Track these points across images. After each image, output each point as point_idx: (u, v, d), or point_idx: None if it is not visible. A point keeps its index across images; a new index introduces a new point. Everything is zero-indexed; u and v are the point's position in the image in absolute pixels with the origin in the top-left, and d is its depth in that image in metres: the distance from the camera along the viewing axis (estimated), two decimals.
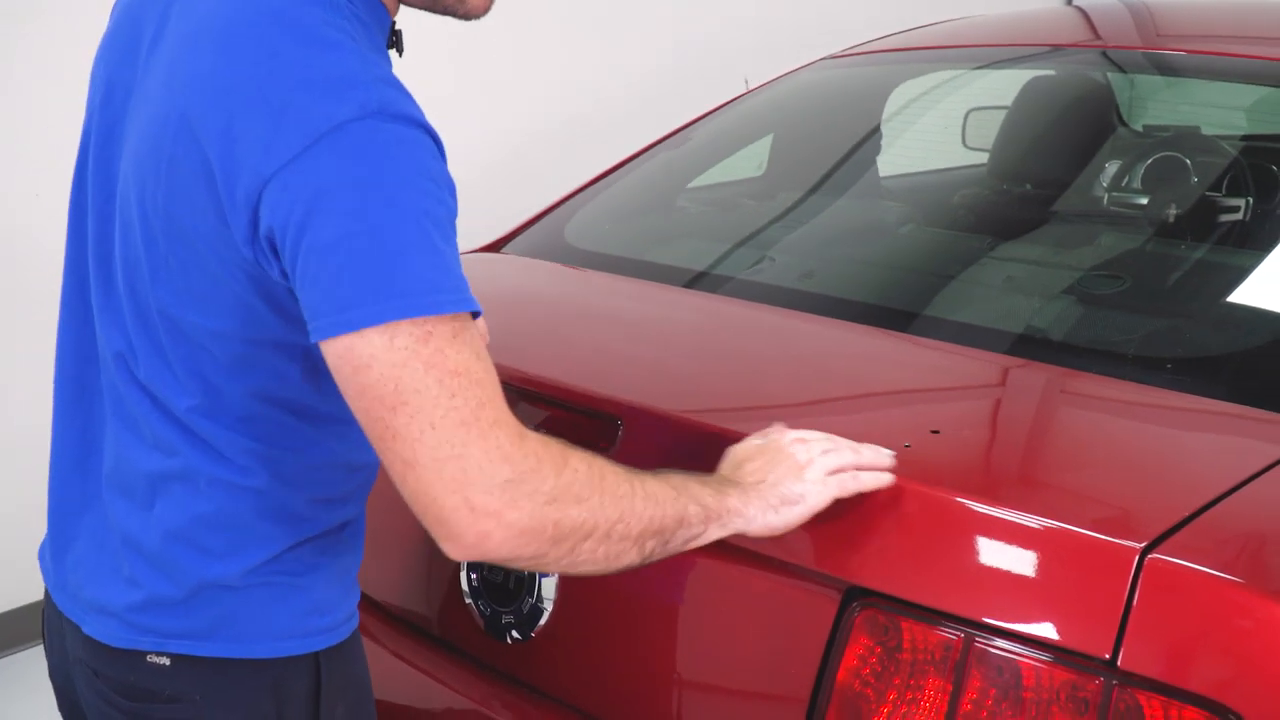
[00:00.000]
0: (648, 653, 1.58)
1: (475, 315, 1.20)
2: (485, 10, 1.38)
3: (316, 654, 1.40)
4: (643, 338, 1.93)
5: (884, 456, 1.40)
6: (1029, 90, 2.89)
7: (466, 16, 1.38)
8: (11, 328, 3.29)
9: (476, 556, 1.19)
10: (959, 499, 1.38)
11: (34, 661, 1.94)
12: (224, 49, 1.22)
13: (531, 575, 1.66)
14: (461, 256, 1.85)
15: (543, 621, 1.66)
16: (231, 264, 1.23)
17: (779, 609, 1.47)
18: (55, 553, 1.47)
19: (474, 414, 1.15)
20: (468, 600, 1.74)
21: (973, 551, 1.36)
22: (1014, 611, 1.32)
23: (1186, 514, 1.32)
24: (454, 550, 1.18)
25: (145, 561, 1.35)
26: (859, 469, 1.39)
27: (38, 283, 3.22)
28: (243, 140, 1.17)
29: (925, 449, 1.47)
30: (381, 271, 1.13)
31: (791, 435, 1.42)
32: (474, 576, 1.73)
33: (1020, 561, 1.33)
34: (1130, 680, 1.25)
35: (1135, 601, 1.26)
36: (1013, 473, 1.47)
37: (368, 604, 1.91)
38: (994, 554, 1.35)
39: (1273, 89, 2.58)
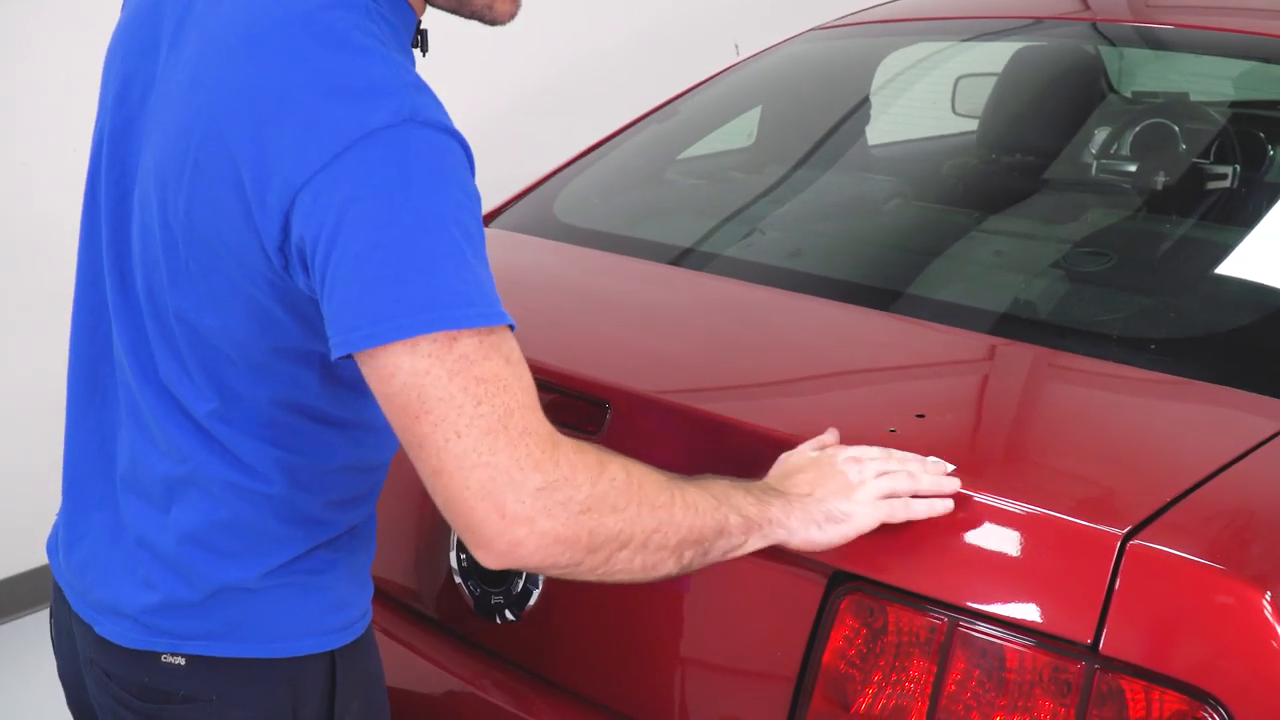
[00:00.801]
0: (636, 633, 1.60)
1: (510, 328, 1.18)
2: (512, 16, 1.36)
3: (332, 652, 1.39)
4: (631, 318, 1.93)
5: (944, 481, 1.37)
6: (1018, 58, 2.88)
7: (493, 22, 1.36)
8: (14, 295, 3.29)
9: (510, 564, 1.17)
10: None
11: (29, 630, 1.91)
12: (252, 53, 1.20)
13: None
14: None
15: (532, 602, 1.67)
16: (254, 270, 1.21)
17: (766, 591, 1.49)
18: (67, 548, 1.46)
19: (501, 421, 1.13)
20: (457, 580, 1.76)
21: (956, 537, 1.37)
22: (997, 596, 1.33)
23: (1167, 499, 1.34)
24: (486, 558, 1.16)
25: (161, 564, 1.35)
26: (915, 493, 1.36)
27: (38, 249, 3.23)
28: (273, 147, 1.15)
29: (910, 433, 1.48)
30: (411, 283, 1.12)
31: (846, 453, 1.38)
32: (463, 557, 1.75)
33: (1003, 547, 1.34)
34: (1111, 665, 1.27)
35: (1116, 587, 1.27)
36: (996, 458, 1.49)
37: None
38: (977, 539, 1.36)
39: (1259, 63, 2.57)
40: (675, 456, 1.57)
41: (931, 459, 1.39)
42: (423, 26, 1.36)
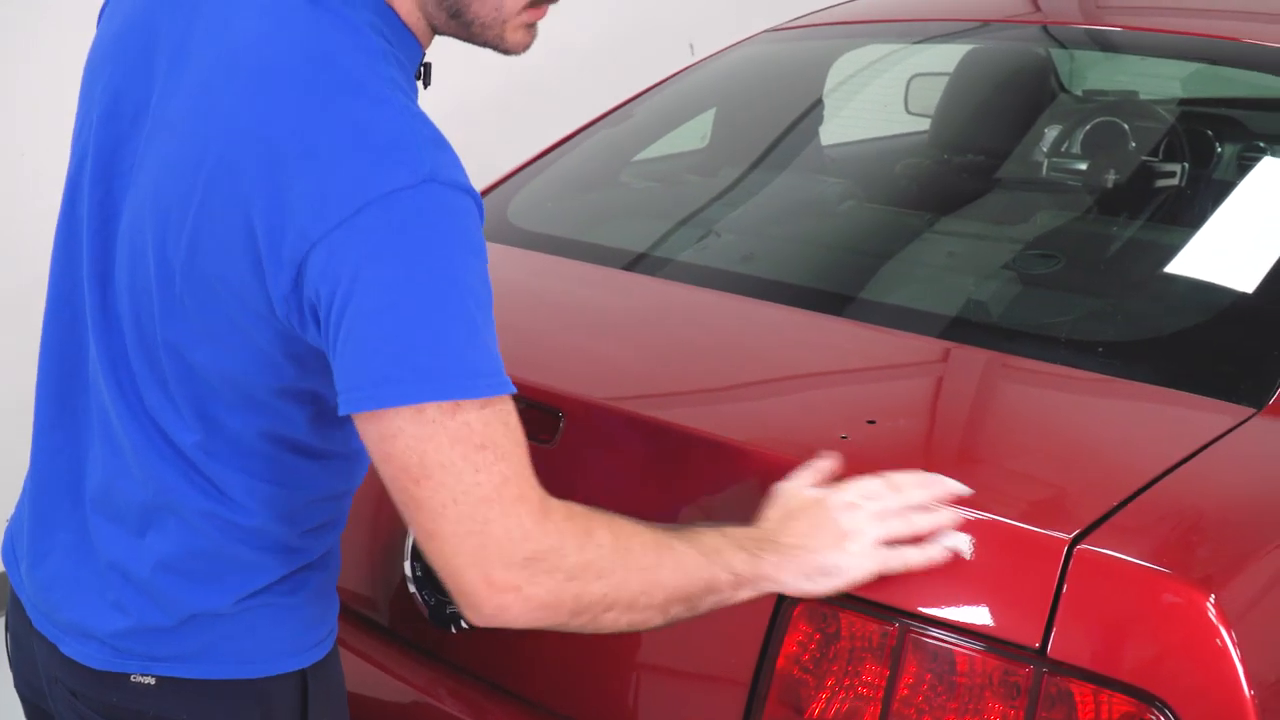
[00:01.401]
0: (591, 640, 1.59)
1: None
2: (527, 46, 1.33)
3: (303, 670, 1.39)
4: (585, 325, 1.93)
5: (942, 519, 1.34)
6: (970, 58, 2.90)
7: (507, 52, 1.34)
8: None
9: (497, 625, 1.20)
10: None
11: None
12: (267, 92, 1.17)
13: None
14: None
15: None
16: (255, 313, 1.20)
17: None
18: (30, 565, 1.43)
19: (497, 490, 1.15)
20: (412, 589, 1.75)
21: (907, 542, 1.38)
22: (948, 601, 1.35)
23: (1114, 504, 1.35)
24: (473, 619, 1.19)
25: (134, 589, 1.34)
26: (914, 536, 1.34)
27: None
28: (289, 196, 1.14)
29: (861, 440, 1.49)
30: (416, 348, 1.13)
31: (844, 496, 1.35)
32: (417, 566, 1.74)
33: (953, 552, 1.35)
34: (1059, 668, 1.28)
35: (1064, 591, 1.29)
36: (946, 463, 1.49)
37: None
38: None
39: (1207, 65, 2.60)
40: (629, 465, 1.58)
41: (940, 482, 1.36)
42: (426, 59, 1.35)
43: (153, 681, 1.34)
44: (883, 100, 3.12)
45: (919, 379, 1.76)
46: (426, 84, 1.37)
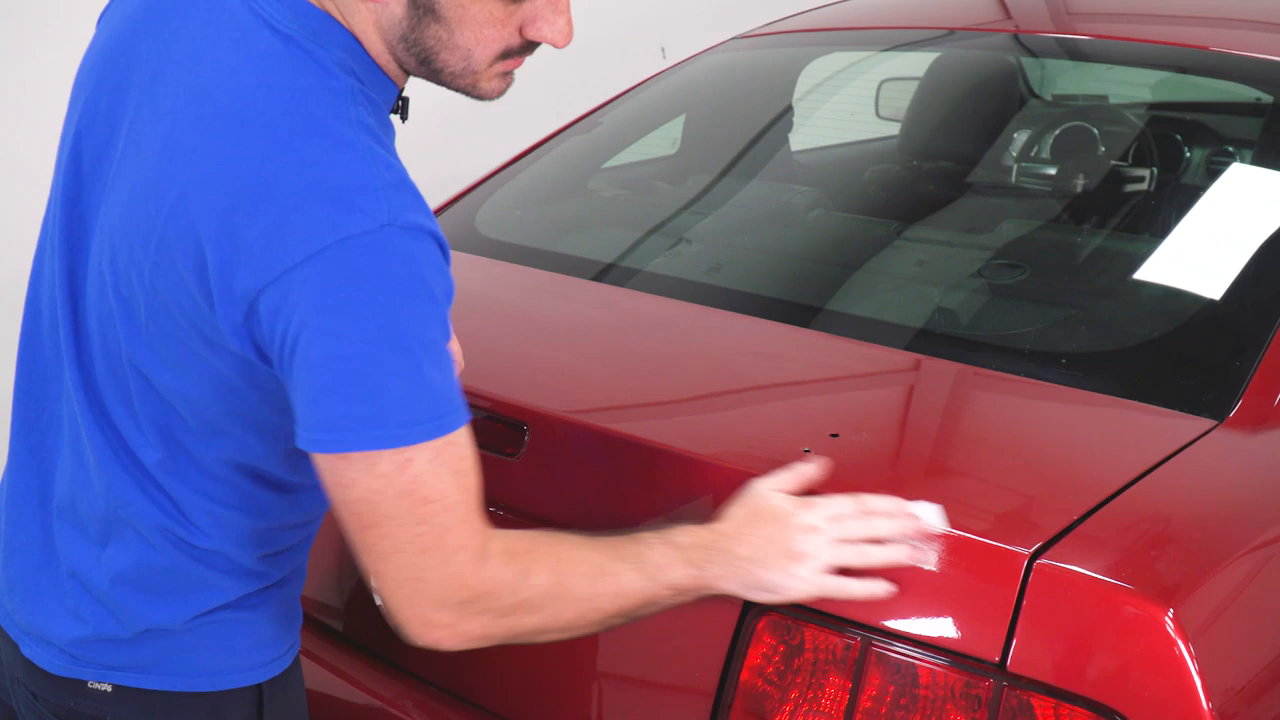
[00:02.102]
0: (556, 653, 1.59)
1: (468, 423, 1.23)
2: (502, 93, 1.35)
3: (260, 685, 1.40)
4: (550, 337, 1.93)
5: (899, 553, 1.35)
6: (939, 64, 2.91)
7: (481, 98, 1.35)
8: None
9: (433, 649, 1.27)
10: None
11: None
12: (230, 134, 1.18)
13: None
14: None
15: None
16: (214, 345, 1.22)
17: (685, 611, 1.49)
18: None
19: (438, 540, 1.20)
20: (377, 600, 1.75)
21: None
22: (910, 615, 1.35)
23: (1074, 518, 1.36)
24: (409, 643, 1.26)
25: (93, 599, 1.34)
26: (865, 565, 1.35)
27: None
28: (243, 237, 1.15)
29: (824, 453, 1.50)
30: (365, 399, 1.16)
31: (806, 519, 1.35)
32: None
33: (914, 567, 1.36)
34: (1020, 682, 1.29)
35: (1023, 606, 1.30)
36: (908, 477, 1.50)
37: None
38: None
39: (1174, 73, 2.61)
40: (593, 478, 1.58)
41: (910, 516, 1.36)
42: (404, 94, 1.35)
43: (109, 689, 1.35)
44: (850, 107, 3.12)
45: (883, 391, 1.76)
46: (404, 118, 1.37)
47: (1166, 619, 1.26)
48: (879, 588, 1.34)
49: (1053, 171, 2.59)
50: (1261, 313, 1.74)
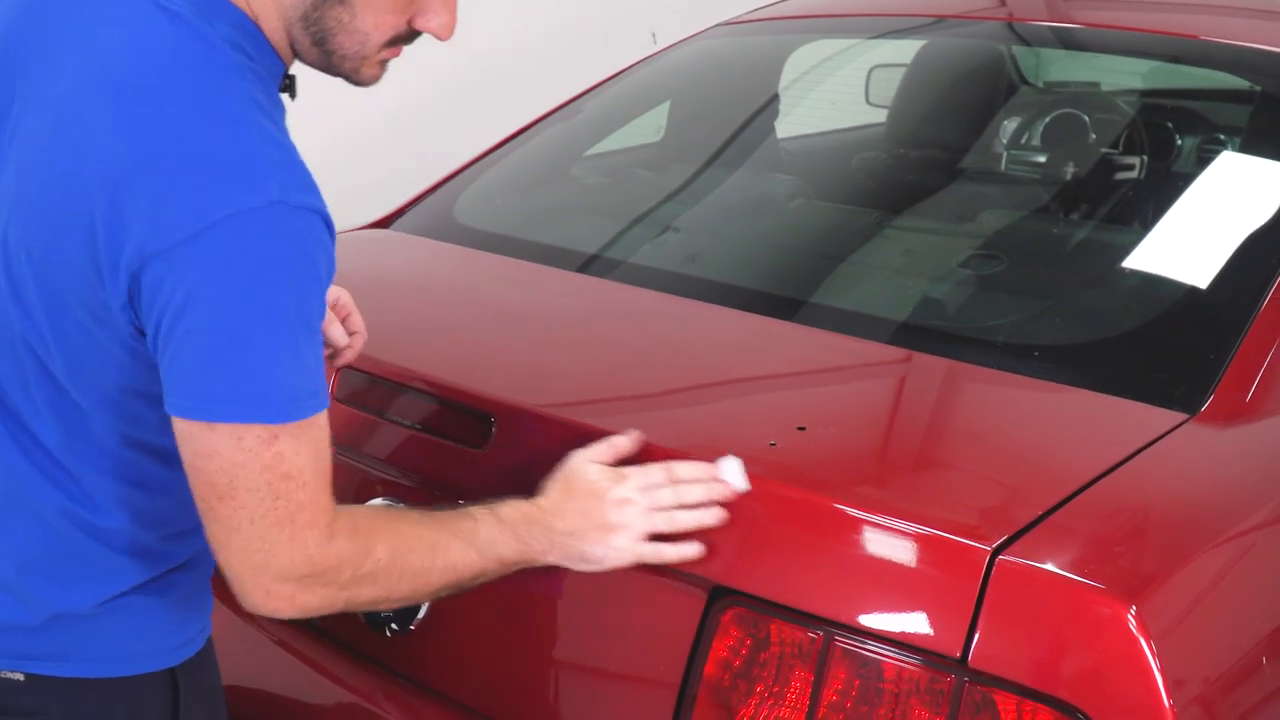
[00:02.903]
0: (524, 646, 1.60)
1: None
2: (377, 79, 1.39)
3: (173, 668, 1.41)
4: (522, 328, 1.92)
5: (706, 517, 1.42)
6: (926, 51, 2.90)
7: (359, 84, 1.39)
8: None
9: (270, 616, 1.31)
10: (818, 499, 1.40)
11: None
12: (118, 109, 1.19)
13: None
14: (347, 234, 1.95)
15: (420, 615, 1.66)
16: (102, 320, 1.22)
17: (650, 605, 1.50)
18: None
19: (290, 516, 1.24)
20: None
21: (832, 551, 1.38)
22: (872, 610, 1.35)
23: (1038, 513, 1.35)
24: (249, 609, 1.30)
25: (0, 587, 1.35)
26: (676, 530, 1.42)
27: None
28: (131, 211, 1.16)
29: (789, 447, 1.49)
30: (243, 372, 1.19)
31: (619, 492, 1.43)
32: None
33: (877, 562, 1.35)
34: (981, 678, 1.28)
35: (985, 602, 1.29)
36: (873, 472, 1.50)
37: None
38: (852, 554, 1.37)
39: (1165, 62, 2.60)
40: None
41: (725, 465, 1.42)
42: (291, 72, 1.37)
43: (22, 678, 1.36)
44: (837, 95, 3.11)
45: (854, 384, 1.75)
46: (293, 96, 1.39)
47: (1129, 616, 1.25)
48: (690, 550, 1.41)
49: (1040, 159, 2.58)
50: (1238, 306, 1.73)
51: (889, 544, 1.35)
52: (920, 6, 2.86)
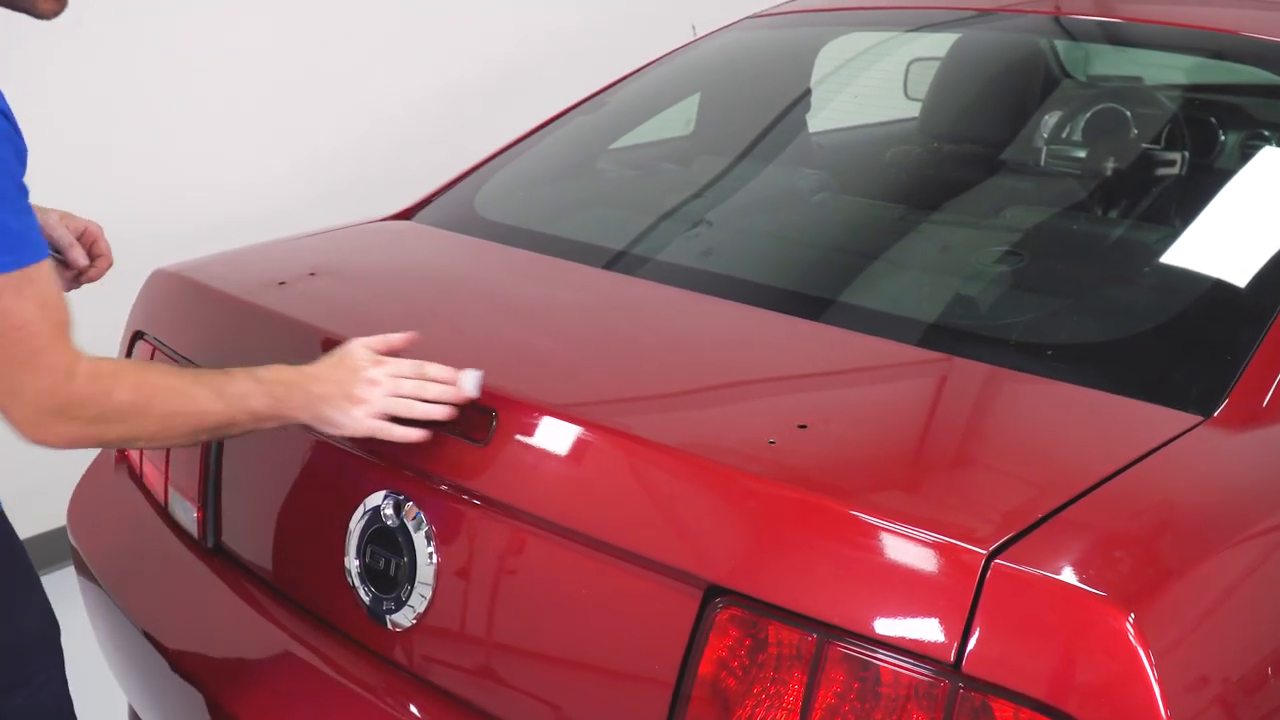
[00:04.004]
0: (522, 641, 1.59)
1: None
2: (57, 13, 1.59)
3: None
4: (531, 322, 1.91)
5: (435, 410, 1.61)
6: (960, 45, 2.86)
7: (40, 17, 1.59)
8: None
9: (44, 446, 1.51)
10: (813, 499, 1.38)
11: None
12: None
13: (409, 565, 1.66)
14: (368, 225, 2.25)
15: (421, 610, 1.66)
16: None
17: (646, 604, 1.48)
18: None
19: (30, 361, 1.45)
20: (351, 584, 1.74)
21: (827, 552, 1.36)
22: (867, 612, 1.32)
23: (1038, 516, 1.32)
24: (25, 439, 1.50)
25: None
26: (410, 416, 1.62)
27: None
28: None
29: (789, 444, 1.47)
30: None
31: (374, 373, 1.63)
32: (357, 563, 1.73)
33: (872, 563, 1.33)
34: (975, 684, 1.26)
35: (979, 606, 1.26)
36: (872, 471, 1.47)
37: (258, 583, 1.92)
38: (847, 555, 1.35)
39: (1208, 59, 2.54)
40: (560, 467, 1.55)
41: (467, 375, 1.62)
42: None
43: None
44: (869, 89, 3.07)
45: (861, 381, 1.72)
46: None
47: (1127, 624, 1.22)
48: (415, 434, 1.62)
49: (1079, 154, 2.54)
50: (1260, 306, 1.69)
51: (884, 545, 1.32)
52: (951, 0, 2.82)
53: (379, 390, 1.62)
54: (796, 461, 1.44)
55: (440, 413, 1.61)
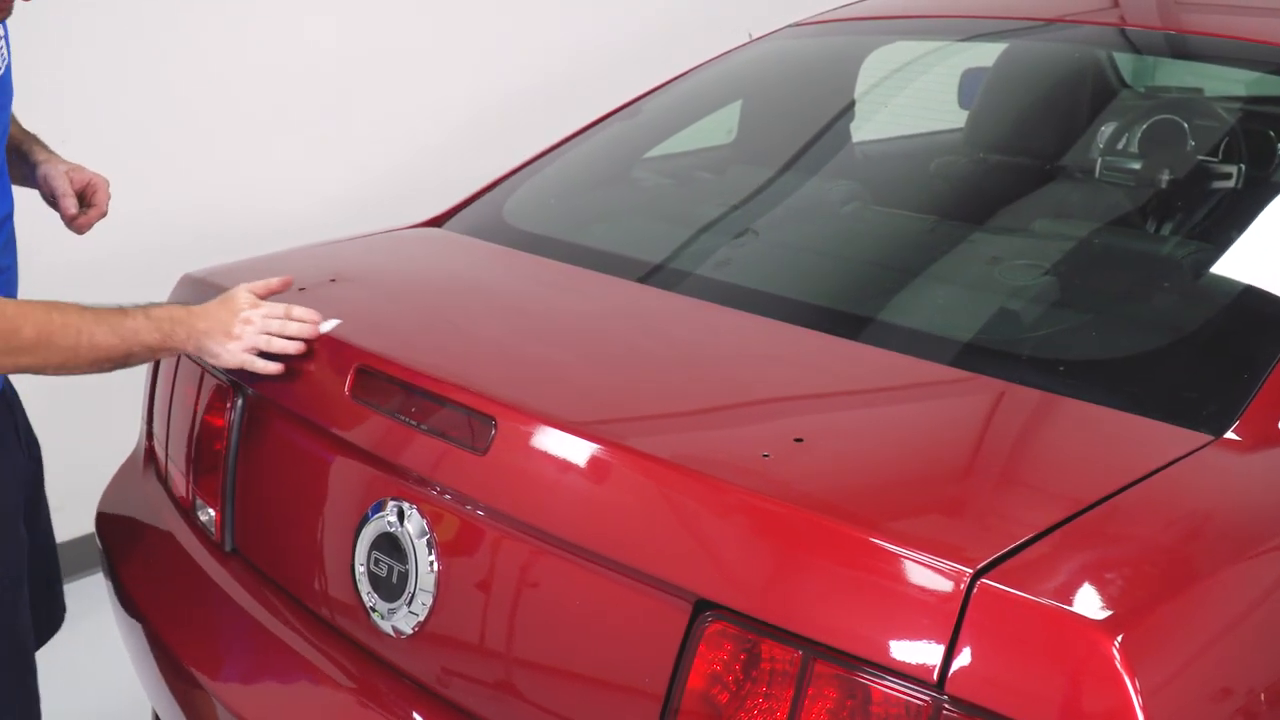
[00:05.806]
0: (516, 650, 1.59)
1: None
2: (8, 14, 1.78)
3: None
4: (541, 331, 1.90)
5: (290, 346, 1.89)
6: (1011, 53, 2.82)
7: None
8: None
9: None
10: (802, 514, 1.36)
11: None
12: None
13: (412, 573, 1.66)
14: (396, 231, 2.27)
15: (422, 617, 1.66)
16: None
17: (637, 616, 1.47)
18: None
19: None
20: (357, 589, 1.75)
21: (815, 568, 1.34)
22: (853, 629, 1.31)
23: (1029, 535, 1.30)
24: None
25: None
26: (271, 350, 1.89)
27: None
28: None
29: (782, 459, 1.45)
30: None
31: (249, 314, 1.90)
32: (363, 569, 1.74)
33: (859, 580, 1.31)
34: (957, 704, 1.24)
35: (964, 626, 1.24)
36: (864, 488, 1.45)
37: (274, 587, 1.93)
38: (835, 571, 1.33)
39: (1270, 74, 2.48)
40: (561, 477, 1.55)
41: (316, 325, 1.90)
42: None
43: None
44: (913, 99, 3.04)
45: (867, 396, 1.70)
46: None
47: (1113, 649, 1.19)
48: (272, 366, 1.89)
49: (1135, 166, 2.49)
50: (1276, 326, 1.64)
51: (872, 562, 1.31)
52: (999, 9, 2.78)
53: (251, 328, 1.89)
54: (788, 476, 1.43)
55: (293, 347, 1.89)
